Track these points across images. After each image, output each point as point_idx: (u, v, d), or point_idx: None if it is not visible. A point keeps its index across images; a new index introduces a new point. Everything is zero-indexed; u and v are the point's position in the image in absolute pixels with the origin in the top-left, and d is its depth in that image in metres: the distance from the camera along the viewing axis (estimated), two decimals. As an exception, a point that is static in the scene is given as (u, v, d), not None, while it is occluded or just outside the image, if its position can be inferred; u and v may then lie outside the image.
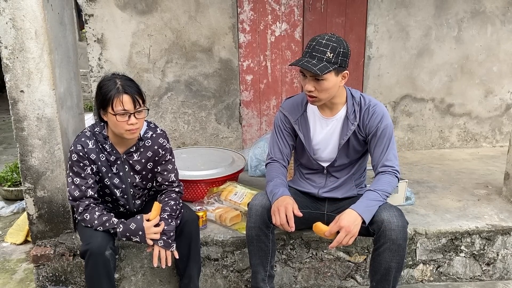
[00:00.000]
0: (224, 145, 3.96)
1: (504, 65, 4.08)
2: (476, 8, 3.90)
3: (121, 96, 1.94)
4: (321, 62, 1.92)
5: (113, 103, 1.94)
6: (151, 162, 2.20)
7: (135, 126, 1.99)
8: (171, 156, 2.25)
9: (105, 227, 2.02)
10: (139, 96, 2.00)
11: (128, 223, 2.03)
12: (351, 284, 2.56)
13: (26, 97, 2.19)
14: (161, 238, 2.06)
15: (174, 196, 2.21)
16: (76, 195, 2.05)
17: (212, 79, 3.83)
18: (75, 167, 2.05)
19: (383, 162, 2.08)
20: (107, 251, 1.96)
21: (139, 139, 2.15)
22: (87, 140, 2.07)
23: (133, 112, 1.97)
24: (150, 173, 2.22)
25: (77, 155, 2.04)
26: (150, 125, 2.23)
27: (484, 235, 2.54)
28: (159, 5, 3.60)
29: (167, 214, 2.12)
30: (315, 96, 2.01)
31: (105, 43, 3.61)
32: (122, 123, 1.97)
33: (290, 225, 1.98)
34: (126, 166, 2.16)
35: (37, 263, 2.39)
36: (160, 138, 2.20)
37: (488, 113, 4.20)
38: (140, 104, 2.00)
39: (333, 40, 1.96)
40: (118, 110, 1.95)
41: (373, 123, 2.09)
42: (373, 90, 3.99)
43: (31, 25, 2.11)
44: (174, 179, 2.26)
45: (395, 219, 1.94)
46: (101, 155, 2.10)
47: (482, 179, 3.30)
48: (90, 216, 2.04)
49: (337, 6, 3.79)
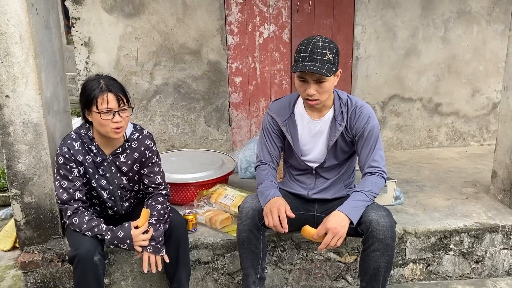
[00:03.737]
0: (214, 147, 3.95)
1: (490, 64, 4.12)
2: (462, 8, 3.94)
3: (105, 95, 1.95)
4: (324, 64, 1.93)
5: (97, 102, 1.95)
6: (137, 164, 2.19)
7: (119, 124, 1.99)
8: (157, 158, 2.25)
9: (93, 233, 2.00)
10: (123, 94, 2.01)
11: (116, 230, 2.02)
12: (342, 284, 2.57)
13: (12, 102, 2.16)
14: (150, 244, 2.04)
15: (161, 200, 2.20)
16: (65, 198, 2.04)
17: (200, 81, 3.82)
18: (62, 170, 2.05)
19: (370, 163, 2.09)
20: (96, 257, 1.95)
21: (125, 140, 2.15)
22: (73, 142, 2.07)
23: (118, 110, 1.98)
24: (137, 175, 2.22)
25: (63, 158, 2.04)
26: (136, 127, 2.22)
27: (473, 233, 2.56)
28: (147, 8, 3.59)
29: (154, 219, 2.10)
30: (317, 99, 2.02)
31: (92, 47, 3.59)
32: (106, 122, 1.97)
33: (283, 226, 1.99)
34: (112, 168, 2.15)
35: (25, 270, 2.36)
36: (146, 139, 2.20)
37: (476, 112, 4.24)
38: (124, 103, 2.01)
39: (327, 41, 1.98)
40: (103, 108, 1.95)
41: (360, 124, 2.10)
42: (361, 91, 4.00)
43: (15, 30, 2.08)
44: (161, 181, 2.25)
45: (383, 219, 1.95)
46: (87, 156, 2.09)
47: (470, 178, 3.33)
48: (79, 220, 2.02)
49: (324, 7, 3.80)
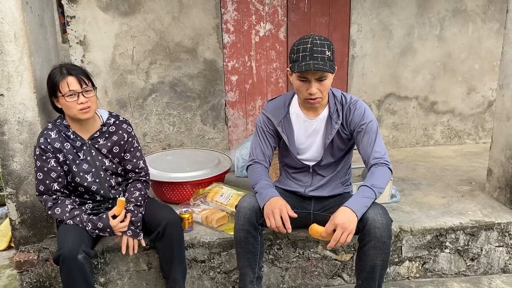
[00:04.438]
0: (210, 146, 3.95)
1: (486, 62, 4.13)
2: (458, 6, 3.95)
3: (65, 78, 2.04)
4: (325, 62, 1.95)
5: (59, 87, 2.04)
6: (116, 146, 2.25)
7: (85, 105, 2.06)
8: (137, 143, 2.33)
9: (75, 221, 2.10)
10: (84, 76, 2.09)
11: (96, 221, 2.12)
12: (338, 282, 2.57)
13: (6, 100, 2.16)
14: (129, 228, 2.17)
15: (140, 187, 2.29)
16: (42, 189, 2.11)
17: (196, 80, 3.81)
18: (39, 161, 2.11)
19: (373, 155, 2.07)
20: (80, 255, 1.97)
21: (102, 124, 2.22)
22: (49, 132, 2.13)
23: (81, 91, 2.06)
24: (117, 158, 2.27)
25: (39, 149, 2.10)
26: (112, 114, 2.29)
27: (468, 231, 2.57)
28: (142, 6, 3.57)
29: (132, 205, 2.20)
30: (319, 97, 2.03)
31: (88, 45, 3.57)
32: (72, 104, 2.05)
33: (287, 227, 2.00)
34: (92, 151, 2.21)
35: (20, 269, 2.35)
36: (123, 124, 2.28)
37: (471, 110, 4.25)
38: (86, 84, 2.08)
39: (323, 39, 1.99)
40: (66, 91, 2.04)
41: (356, 119, 2.10)
42: (357, 89, 4.01)
43: (10, 28, 2.07)
44: (143, 165, 2.34)
45: (379, 217, 1.95)
46: (65, 143, 2.15)
47: (465, 176, 3.34)
48: (61, 209, 2.11)
49: (320, 5, 3.80)
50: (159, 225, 2.18)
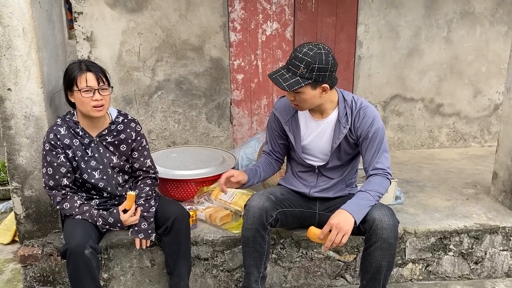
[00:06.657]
0: (215, 144, 3.95)
1: (493, 65, 4.11)
2: (465, 9, 3.93)
3: (84, 74, 2.06)
4: (294, 77, 1.94)
5: (77, 81, 2.06)
6: (124, 144, 2.25)
7: (100, 102, 2.08)
8: (145, 142, 2.33)
9: (85, 217, 2.11)
10: (102, 74, 2.11)
11: (106, 216, 2.13)
12: (341, 283, 2.57)
13: (14, 95, 2.16)
14: (141, 224, 2.19)
15: (150, 183, 2.31)
16: (51, 185, 2.12)
17: (202, 78, 3.81)
18: (49, 156, 2.11)
19: (374, 165, 2.07)
20: (87, 250, 1.97)
21: (110, 122, 2.22)
22: (59, 128, 2.14)
23: (97, 88, 2.07)
24: (125, 156, 2.27)
25: (49, 144, 2.10)
26: (120, 112, 2.30)
27: (473, 234, 2.56)
28: (149, 3, 3.58)
29: (143, 199, 2.22)
30: (297, 104, 2.06)
31: (95, 41, 3.58)
32: (87, 99, 2.06)
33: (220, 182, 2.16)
34: (100, 148, 2.21)
35: (24, 263, 2.36)
36: (132, 123, 2.28)
37: (477, 113, 4.24)
38: (103, 82, 2.10)
39: (310, 54, 1.90)
40: (83, 86, 2.05)
41: (364, 126, 2.08)
42: (363, 90, 4.00)
43: (18, 22, 2.08)
44: (151, 164, 2.34)
45: (386, 218, 1.95)
46: (74, 140, 2.16)
47: (470, 179, 3.33)
48: (70, 205, 2.12)
49: (328, 5, 3.79)
50: (167, 219, 2.20)
